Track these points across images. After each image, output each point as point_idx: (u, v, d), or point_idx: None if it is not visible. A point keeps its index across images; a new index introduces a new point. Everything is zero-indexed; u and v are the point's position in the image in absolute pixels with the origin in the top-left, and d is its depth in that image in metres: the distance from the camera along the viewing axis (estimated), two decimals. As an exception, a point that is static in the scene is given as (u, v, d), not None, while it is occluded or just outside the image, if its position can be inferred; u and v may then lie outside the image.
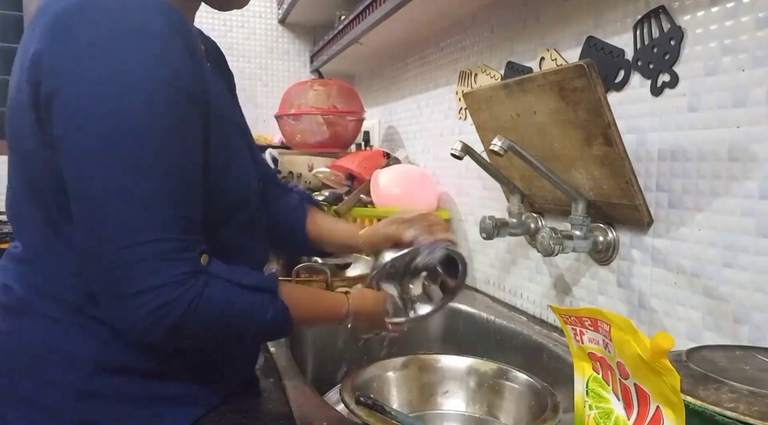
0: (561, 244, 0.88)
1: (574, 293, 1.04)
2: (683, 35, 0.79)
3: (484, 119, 1.10)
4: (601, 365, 0.56)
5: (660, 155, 0.84)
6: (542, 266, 1.13)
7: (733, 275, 0.74)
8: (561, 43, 1.06)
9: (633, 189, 0.84)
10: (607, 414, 0.54)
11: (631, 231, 0.90)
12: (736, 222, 0.73)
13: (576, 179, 0.92)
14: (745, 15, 0.71)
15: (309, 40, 2.56)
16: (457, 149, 0.98)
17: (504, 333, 1.10)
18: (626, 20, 0.89)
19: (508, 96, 0.97)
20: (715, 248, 0.76)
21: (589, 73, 0.78)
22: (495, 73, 1.28)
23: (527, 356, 1.03)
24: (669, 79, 0.82)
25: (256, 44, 2.51)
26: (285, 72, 2.55)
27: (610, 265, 0.95)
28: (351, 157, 1.79)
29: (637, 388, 0.50)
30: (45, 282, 0.67)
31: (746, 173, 0.72)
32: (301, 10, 2.26)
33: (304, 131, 1.96)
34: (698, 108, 0.78)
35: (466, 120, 1.43)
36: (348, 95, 2.00)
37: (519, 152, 0.87)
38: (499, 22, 1.28)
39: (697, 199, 0.78)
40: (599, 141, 0.83)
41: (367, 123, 2.09)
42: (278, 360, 0.89)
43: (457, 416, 0.90)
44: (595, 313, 0.54)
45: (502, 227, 1.07)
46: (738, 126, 0.73)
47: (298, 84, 2.03)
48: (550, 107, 0.88)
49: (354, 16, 1.68)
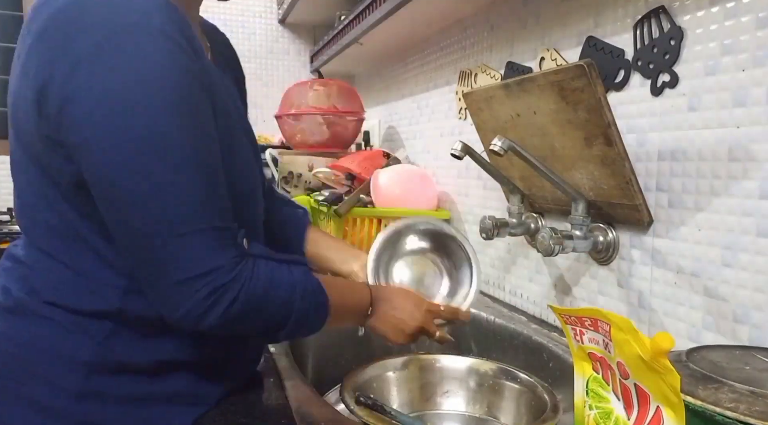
0: (561, 244, 0.88)
1: (574, 293, 1.04)
2: (683, 35, 0.79)
3: (484, 119, 1.10)
4: (601, 365, 0.56)
5: (660, 155, 0.84)
6: (542, 266, 1.13)
7: (732, 275, 0.74)
8: (561, 43, 1.06)
9: (633, 189, 0.84)
10: (607, 414, 0.54)
11: (631, 231, 0.90)
12: (736, 222, 0.73)
13: (576, 179, 0.92)
14: (745, 15, 0.71)
15: (309, 40, 2.56)
16: (457, 149, 0.98)
17: (504, 333, 1.10)
18: (626, 20, 0.89)
19: (508, 96, 0.97)
20: (715, 248, 0.76)
21: (589, 73, 0.78)
22: (495, 73, 1.28)
23: (527, 356, 1.03)
24: (669, 79, 0.82)
25: (256, 44, 2.51)
26: (285, 72, 2.55)
27: (610, 265, 0.95)
28: (351, 157, 1.79)
29: (637, 388, 0.50)
30: (43, 284, 0.66)
31: (746, 173, 0.72)
32: (301, 10, 2.26)
33: (304, 131, 1.96)
34: (698, 108, 0.78)
35: (466, 120, 1.43)
36: (348, 95, 2.00)
37: (519, 152, 0.87)
38: (499, 22, 1.28)
39: (697, 199, 0.78)
40: (599, 141, 0.83)
41: (367, 123, 2.09)
42: (278, 360, 0.89)
43: (457, 416, 0.90)
44: (595, 313, 0.54)
45: (502, 227, 1.07)
46: (738, 126, 0.73)
47: (298, 84, 2.03)
48: (550, 107, 0.88)
49: (354, 16, 1.68)
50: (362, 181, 1.59)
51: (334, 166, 1.75)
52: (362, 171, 1.64)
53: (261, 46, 2.51)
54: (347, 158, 1.77)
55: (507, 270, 1.26)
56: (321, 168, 1.79)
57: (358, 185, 1.58)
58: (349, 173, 1.68)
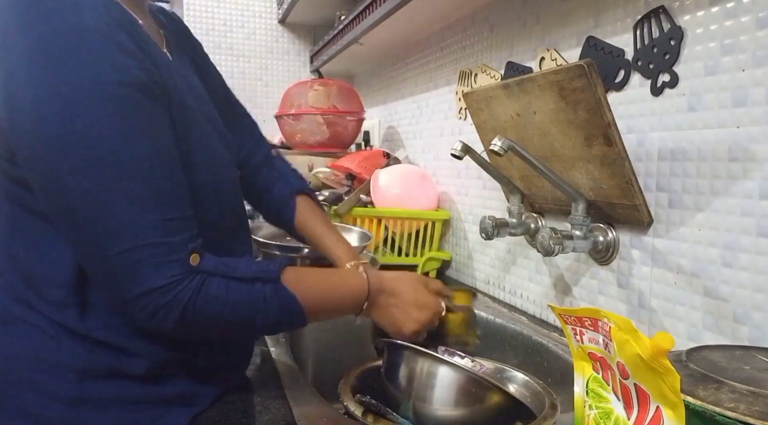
0: (561, 244, 0.88)
1: (574, 293, 1.04)
2: (683, 35, 0.79)
3: (484, 118, 1.10)
4: (601, 365, 0.56)
5: (660, 155, 0.84)
6: (542, 266, 1.13)
7: (732, 275, 0.74)
8: (561, 43, 1.06)
9: (633, 189, 0.84)
10: (607, 414, 0.54)
11: (631, 231, 0.90)
12: (736, 222, 0.73)
13: (576, 179, 0.92)
14: (745, 15, 0.71)
15: (309, 40, 2.56)
16: (457, 149, 0.98)
17: (504, 333, 1.10)
18: (626, 20, 0.89)
19: (508, 96, 0.97)
20: (715, 248, 0.76)
21: (589, 73, 0.78)
22: (495, 73, 1.28)
23: (527, 356, 1.03)
24: (669, 79, 0.82)
25: (256, 44, 2.51)
26: (285, 72, 2.55)
27: (610, 265, 0.95)
28: (351, 157, 1.79)
29: (637, 388, 0.50)
30: (26, 291, 0.66)
31: (746, 173, 0.72)
32: (301, 10, 2.26)
33: (304, 131, 1.96)
34: (698, 108, 0.78)
35: (466, 120, 1.43)
36: (348, 95, 2.00)
37: (519, 152, 0.87)
38: (499, 22, 1.28)
39: (697, 199, 0.78)
40: (599, 141, 0.83)
41: (367, 123, 2.09)
42: (278, 360, 0.88)
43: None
44: (595, 313, 0.54)
45: (502, 227, 1.07)
46: (738, 126, 0.73)
47: (298, 84, 2.03)
48: (550, 107, 0.88)
49: (354, 16, 1.68)
50: (362, 181, 1.59)
51: (334, 166, 1.75)
52: (362, 171, 1.64)
53: (261, 46, 2.51)
54: (347, 158, 1.77)
55: (507, 270, 1.26)
56: (321, 168, 1.79)
57: (358, 185, 1.58)
58: (349, 173, 1.68)
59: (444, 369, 0.70)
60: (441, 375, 0.70)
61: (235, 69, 2.47)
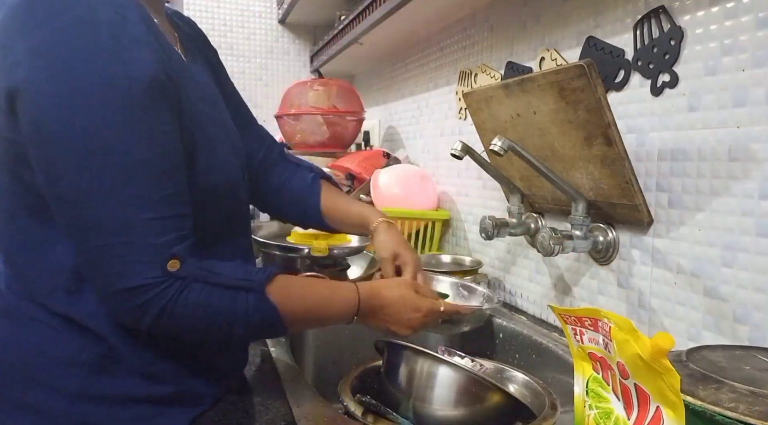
0: (561, 244, 0.88)
1: (574, 293, 1.04)
2: (683, 35, 0.79)
3: (484, 118, 1.10)
4: (601, 365, 0.56)
5: (660, 155, 0.84)
6: (542, 266, 1.13)
7: (732, 274, 0.74)
8: (561, 43, 1.06)
9: (633, 189, 0.84)
10: (607, 414, 0.54)
11: (631, 231, 0.90)
12: (736, 222, 0.73)
13: (576, 179, 0.92)
14: (745, 15, 0.71)
15: (309, 40, 2.56)
16: (457, 149, 0.98)
17: (504, 333, 1.10)
18: (626, 20, 0.89)
19: (508, 96, 0.97)
20: (715, 247, 0.76)
21: (589, 73, 0.78)
22: (495, 73, 1.28)
23: (527, 356, 1.03)
24: (669, 79, 0.82)
25: (256, 44, 2.51)
26: (285, 72, 2.55)
27: (610, 265, 0.95)
28: (351, 157, 1.79)
29: (637, 388, 0.50)
30: (29, 286, 0.66)
31: (746, 173, 0.72)
32: (301, 10, 2.26)
33: (304, 131, 1.96)
34: (698, 108, 0.78)
35: (466, 120, 1.43)
36: (348, 95, 2.01)
37: (519, 152, 0.87)
38: (499, 22, 1.28)
39: (697, 199, 0.78)
40: (599, 141, 0.83)
41: (367, 123, 2.09)
42: (278, 360, 0.89)
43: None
44: (595, 313, 0.54)
45: (502, 227, 1.07)
46: (738, 126, 0.73)
47: (298, 84, 2.04)
48: (550, 107, 0.88)
49: (354, 16, 1.68)
50: (362, 181, 1.59)
51: (334, 166, 1.75)
52: (362, 171, 1.64)
53: (261, 46, 2.51)
54: (347, 158, 1.78)
55: (507, 270, 1.26)
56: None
57: (358, 185, 1.58)
58: (349, 173, 1.68)
59: (444, 369, 0.70)
60: (441, 375, 0.70)
61: (235, 69, 2.47)
